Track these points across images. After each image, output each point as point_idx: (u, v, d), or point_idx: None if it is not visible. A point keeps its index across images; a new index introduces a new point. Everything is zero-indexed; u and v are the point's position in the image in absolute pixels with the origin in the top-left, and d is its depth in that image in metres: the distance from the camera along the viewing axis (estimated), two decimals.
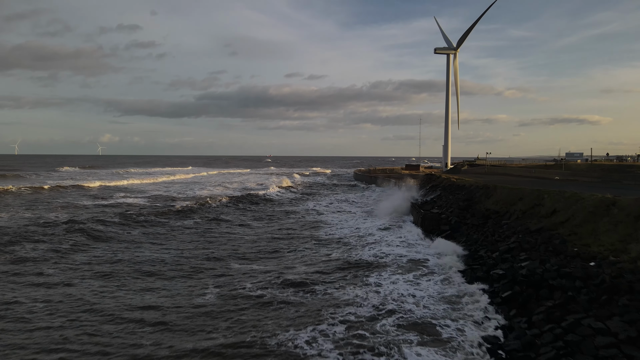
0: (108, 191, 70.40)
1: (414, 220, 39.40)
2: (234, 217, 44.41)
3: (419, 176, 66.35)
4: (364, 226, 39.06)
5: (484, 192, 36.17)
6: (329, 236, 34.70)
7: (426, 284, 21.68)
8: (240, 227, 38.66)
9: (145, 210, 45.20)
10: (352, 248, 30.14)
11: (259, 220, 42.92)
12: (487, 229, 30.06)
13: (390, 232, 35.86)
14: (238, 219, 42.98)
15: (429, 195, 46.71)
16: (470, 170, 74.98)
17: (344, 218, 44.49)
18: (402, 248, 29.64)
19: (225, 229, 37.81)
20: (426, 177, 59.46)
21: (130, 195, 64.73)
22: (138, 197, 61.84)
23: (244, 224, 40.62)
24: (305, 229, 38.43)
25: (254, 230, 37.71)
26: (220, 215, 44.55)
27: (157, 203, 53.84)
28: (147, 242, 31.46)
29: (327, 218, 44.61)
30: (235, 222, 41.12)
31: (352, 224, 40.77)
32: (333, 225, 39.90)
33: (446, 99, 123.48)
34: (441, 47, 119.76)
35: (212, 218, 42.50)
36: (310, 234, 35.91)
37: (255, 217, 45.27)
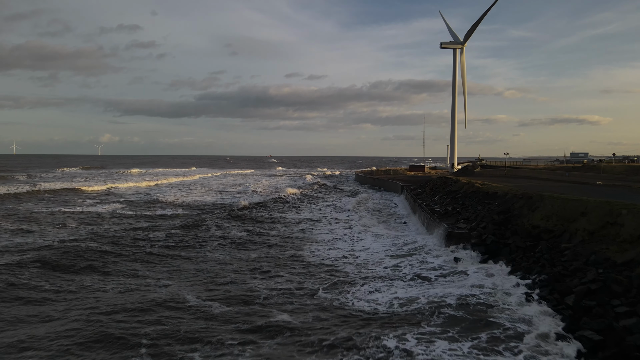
0: (108, 197, 62.34)
1: (433, 234, 31.47)
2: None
3: (431, 179, 58.29)
4: (374, 246, 31.07)
5: (525, 202, 28.17)
6: (319, 259, 26.74)
7: None
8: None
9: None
10: (355, 282, 22.17)
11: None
12: (541, 255, 22.13)
13: (404, 248, 27.94)
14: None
15: (446, 203, 38.72)
16: (484, 172, 66.89)
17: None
18: (435, 286, 21.59)
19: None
20: (440, 181, 51.39)
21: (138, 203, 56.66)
22: (167, 209, 53.80)
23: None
24: (290, 248, 30.49)
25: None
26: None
27: (186, 219, 45.81)
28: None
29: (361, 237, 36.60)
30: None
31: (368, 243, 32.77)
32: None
33: (452, 97, 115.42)
34: (447, 42, 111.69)
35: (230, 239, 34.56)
36: (293, 253, 28.04)
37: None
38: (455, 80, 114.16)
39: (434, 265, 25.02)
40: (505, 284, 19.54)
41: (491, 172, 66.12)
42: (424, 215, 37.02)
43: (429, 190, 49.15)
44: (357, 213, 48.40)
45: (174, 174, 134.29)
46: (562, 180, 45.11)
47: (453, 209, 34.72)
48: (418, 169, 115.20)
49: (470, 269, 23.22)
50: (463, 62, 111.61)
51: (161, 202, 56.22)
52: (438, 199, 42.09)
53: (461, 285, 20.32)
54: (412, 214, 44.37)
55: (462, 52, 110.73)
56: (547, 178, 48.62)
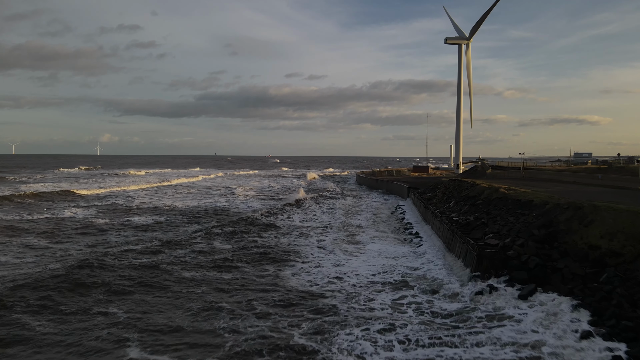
0: (108, 201, 56.11)
1: (455, 253, 25.33)
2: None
3: (441, 182, 52.05)
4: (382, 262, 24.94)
5: (573, 214, 21.97)
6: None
7: None
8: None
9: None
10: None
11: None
12: (612, 289, 16.03)
13: (418, 271, 21.83)
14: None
15: (465, 211, 32.55)
16: (497, 174, 60.60)
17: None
18: (467, 340, 15.44)
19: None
20: (453, 184, 45.14)
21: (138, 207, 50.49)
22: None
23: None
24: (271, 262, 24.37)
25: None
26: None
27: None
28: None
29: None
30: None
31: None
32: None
33: (457, 95, 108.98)
34: (452, 37, 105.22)
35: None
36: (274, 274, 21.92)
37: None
38: (460, 77, 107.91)
39: (461, 298, 18.88)
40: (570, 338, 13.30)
41: (505, 173, 59.83)
42: (440, 227, 30.85)
43: (441, 194, 42.96)
44: (358, 220, 42.20)
45: (177, 174, 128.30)
46: (594, 183, 38.89)
47: (476, 219, 28.50)
48: (422, 170, 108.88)
49: (513, 306, 17.11)
50: (469, 58, 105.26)
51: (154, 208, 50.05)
52: (454, 206, 35.88)
53: (509, 341, 14.11)
54: (423, 223, 38.18)
55: (467, 47, 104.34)
56: (574, 181, 42.42)
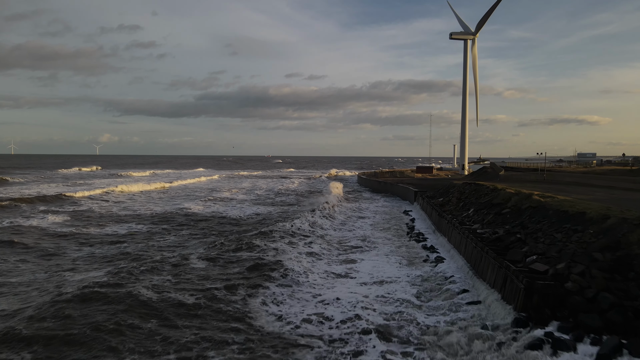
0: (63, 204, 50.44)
1: (487, 279, 19.75)
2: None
3: (453, 185, 46.33)
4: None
5: None
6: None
7: None
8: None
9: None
10: None
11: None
12: None
13: (437, 313, 16.28)
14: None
15: (489, 222, 26.94)
16: (512, 176, 54.87)
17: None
18: None
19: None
20: (468, 188, 39.43)
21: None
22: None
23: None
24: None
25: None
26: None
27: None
28: None
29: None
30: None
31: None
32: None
33: (463, 93, 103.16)
34: (457, 32, 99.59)
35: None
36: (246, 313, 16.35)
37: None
38: (466, 74, 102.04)
39: (505, 352, 13.24)
40: None
41: (521, 175, 54.07)
42: (462, 241, 25.23)
43: (456, 200, 37.30)
44: (359, 230, 36.58)
45: (179, 175, 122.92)
46: (636, 188, 33.14)
47: (508, 233, 22.87)
48: (426, 171, 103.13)
49: None
50: (475, 54, 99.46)
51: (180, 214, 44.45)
52: (474, 214, 30.25)
53: None
54: (438, 234, 32.58)
55: (473, 43, 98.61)
56: (609, 185, 36.75)
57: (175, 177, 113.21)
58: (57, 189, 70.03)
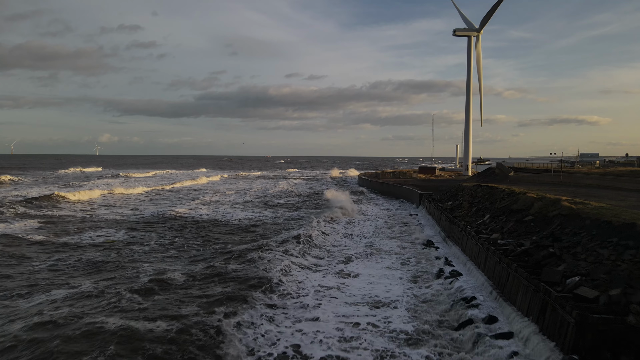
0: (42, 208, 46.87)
1: (516, 304, 16.24)
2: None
3: (462, 187, 42.66)
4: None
5: None
6: None
7: None
8: None
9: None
10: None
11: None
12: None
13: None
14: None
15: (510, 231, 23.39)
16: (524, 178, 51.23)
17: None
18: None
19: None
20: (481, 191, 35.78)
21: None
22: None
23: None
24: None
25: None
26: None
27: None
28: None
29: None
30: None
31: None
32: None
33: (467, 91, 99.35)
34: (461, 29, 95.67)
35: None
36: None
37: None
38: (470, 72, 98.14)
39: None
40: None
41: (533, 177, 50.39)
42: (480, 254, 21.67)
43: (467, 204, 33.69)
44: (359, 235, 33.02)
45: (182, 176, 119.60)
46: None
47: (536, 245, 19.31)
48: (429, 171, 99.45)
49: None
50: (479, 52, 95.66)
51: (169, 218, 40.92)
52: (490, 221, 26.66)
53: None
54: (449, 243, 28.99)
55: (477, 40, 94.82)
56: (636, 188, 33.11)
57: (177, 178, 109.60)
58: (46, 190, 66.66)
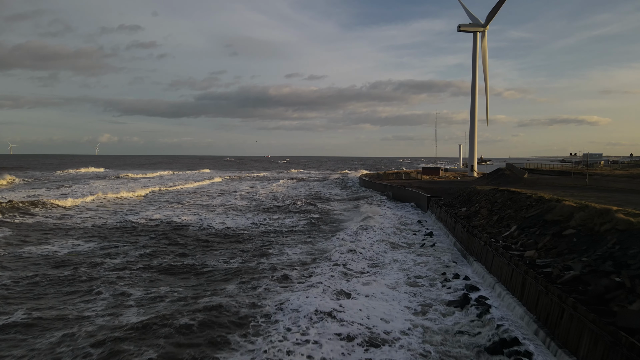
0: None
1: (578, 352, 11.92)
2: None
3: (476, 190, 38.21)
4: None
5: None
6: None
7: None
8: None
9: None
10: None
11: None
12: None
13: None
14: None
15: (548, 247, 19.13)
16: (540, 180, 46.87)
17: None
18: None
19: None
20: (501, 196, 31.31)
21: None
22: None
23: None
24: None
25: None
26: None
27: None
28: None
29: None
30: None
31: None
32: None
33: (472, 89, 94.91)
34: (466, 24, 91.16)
35: None
36: None
37: None
38: (475, 69, 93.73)
39: None
40: None
41: (552, 179, 45.98)
42: (516, 279, 17.33)
43: (487, 212, 29.31)
44: (361, 247, 28.67)
45: (189, 177, 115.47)
46: None
47: (592, 271, 15.04)
48: (433, 173, 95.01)
49: None
50: (484, 48, 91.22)
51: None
52: (518, 234, 22.35)
53: None
54: (470, 258, 24.61)
55: (483, 35, 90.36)
56: None
57: (180, 179, 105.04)
58: (34, 193, 62.59)
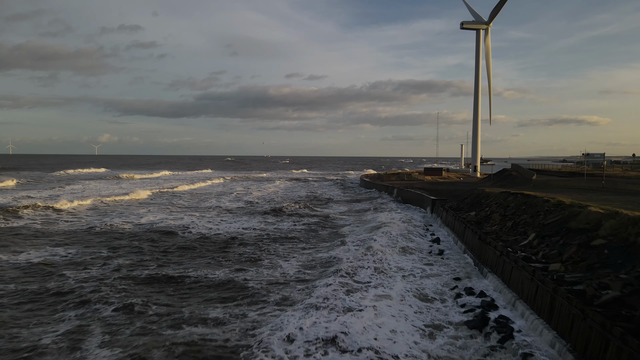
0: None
1: None
2: None
3: (485, 193, 35.70)
4: None
5: None
6: None
7: None
8: None
9: None
10: None
11: None
12: None
13: None
14: None
15: (572, 259, 16.67)
16: (551, 181, 44.38)
17: None
18: None
19: None
20: (513, 200, 28.72)
21: None
22: None
23: None
24: None
25: None
26: None
27: None
28: None
29: None
30: None
31: None
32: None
33: (475, 88, 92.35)
34: (469, 22, 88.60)
35: None
36: None
37: None
38: (478, 67, 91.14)
39: None
40: None
41: (563, 181, 43.49)
42: (543, 298, 14.89)
43: (499, 216, 26.84)
44: (364, 253, 26.20)
45: (191, 178, 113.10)
46: None
47: (637, 292, 12.56)
48: (435, 173, 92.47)
49: None
50: (488, 46, 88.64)
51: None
52: (538, 244, 19.92)
53: None
54: (483, 268, 22.14)
55: (486, 33, 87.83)
56: None
57: (182, 180, 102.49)
58: (23, 194, 60.29)
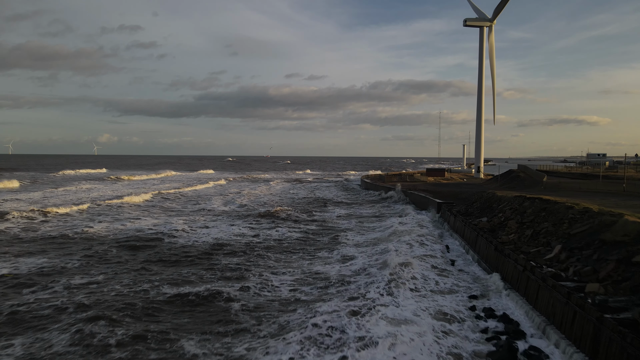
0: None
1: None
2: None
3: (496, 196, 33.15)
4: None
5: None
6: None
7: None
8: None
9: None
10: None
11: None
12: None
13: None
14: None
15: (612, 279, 14.20)
16: (564, 184, 41.89)
17: None
18: None
19: None
20: (530, 205, 26.22)
21: None
22: None
23: None
24: None
25: None
26: None
27: None
28: None
29: None
30: None
31: None
32: None
33: (478, 88, 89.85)
34: (472, 19, 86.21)
35: None
36: None
37: None
38: (482, 66, 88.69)
39: None
40: None
41: (577, 184, 40.99)
42: (580, 324, 12.41)
43: (516, 224, 24.31)
44: (368, 264, 23.72)
45: (194, 178, 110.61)
46: None
47: None
48: (438, 174, 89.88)
49: None
50: (492, 43, 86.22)
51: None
52: (566, 257, 17.43)
53: None
54: (501, 285, 19.62)
55: (490, 30, 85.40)
56: None
57: (185, 181, 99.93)
58: (17, 197, 57.95)
